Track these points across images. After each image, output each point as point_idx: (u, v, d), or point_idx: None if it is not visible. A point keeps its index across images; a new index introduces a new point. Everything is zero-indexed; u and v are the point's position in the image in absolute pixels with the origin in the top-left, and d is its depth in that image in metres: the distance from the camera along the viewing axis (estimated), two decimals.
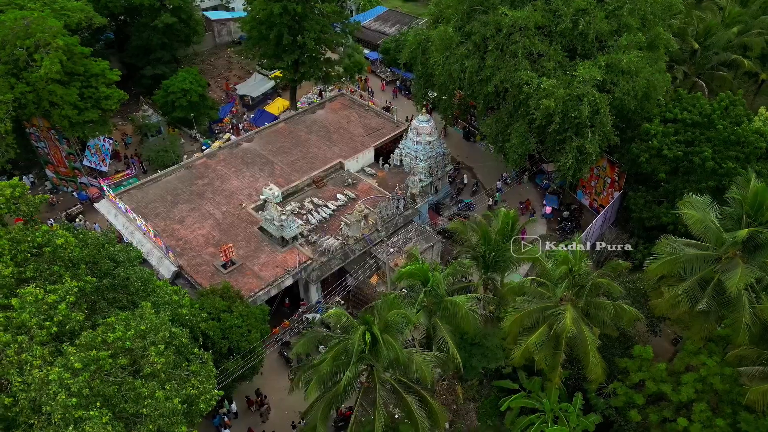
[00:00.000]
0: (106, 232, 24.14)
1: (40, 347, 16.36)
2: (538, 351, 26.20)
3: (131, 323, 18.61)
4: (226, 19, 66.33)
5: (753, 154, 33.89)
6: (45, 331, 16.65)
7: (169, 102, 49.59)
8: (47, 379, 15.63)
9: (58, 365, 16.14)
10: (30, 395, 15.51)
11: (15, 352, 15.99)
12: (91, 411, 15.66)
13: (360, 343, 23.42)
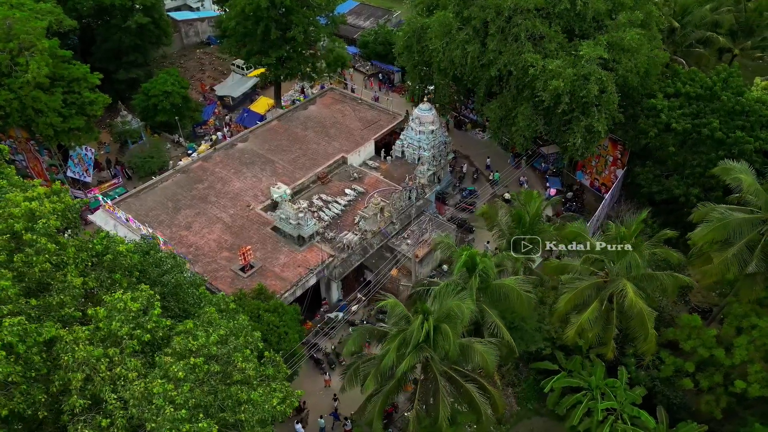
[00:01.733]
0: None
1: (133, 359, 14.90)
2: (592, 327, 26.15)
3: (209, 329, 17.31)
4: (192, 19, 63.95)
5: (757, 123, 34.93)
6: (135, 341, 15.19)
7: (150, 106, 47.26)
8: (149, 392, 14.25)
9: (157, 376, 14.76)
10: (130, 412, 14.08)
11: (107, 366, 14.50)
12: (200, 423, 14.38)
13: (419, 333, 22.77)
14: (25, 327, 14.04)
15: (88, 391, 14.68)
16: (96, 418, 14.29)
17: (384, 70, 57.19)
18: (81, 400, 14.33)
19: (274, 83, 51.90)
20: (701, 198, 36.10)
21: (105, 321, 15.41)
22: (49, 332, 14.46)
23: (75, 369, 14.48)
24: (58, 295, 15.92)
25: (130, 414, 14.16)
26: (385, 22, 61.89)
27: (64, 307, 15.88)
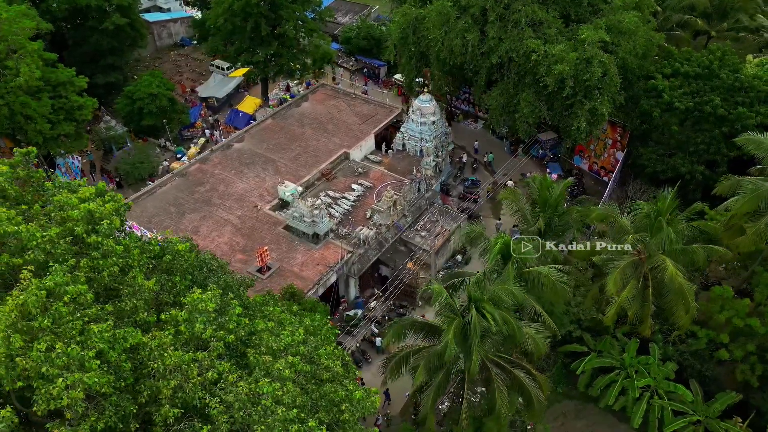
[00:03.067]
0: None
1: (222, 362, 13.93)
2: (631, 305, 26.23)
3: (289, 328, 16.47)
4: (165, 20, 61.85)
5: (756, 98, 35.86)
6: (221, 343, 14.20)
7: (135, 110, 45.37)
8: (256, 393, 13.34)
9: (258, 377, 13.86)
10: (235, 415, 13.12)
11: (198, 371, 13.48)
12: (309, 422, 13.54)
13: (480, 321, 22.33)
14: (113, 333, 12.94)
15: (178, 399, 13.64)
16: (195, 425, 13.28)
17: (370, 65, 56.52)
18: (174, 409, 13.30)
19: (262, 82, 50.63)
20: (706, 175, 36.98)
21: (186, 324, 14.39)
22: (135, 338, 13.37)
23: (165, 376, 13.43)
24: (130, 300, 14.79)
25: (237, 417, 13.22)
26: (366, 16, 61.26)
27: (137, 312, 14.77)
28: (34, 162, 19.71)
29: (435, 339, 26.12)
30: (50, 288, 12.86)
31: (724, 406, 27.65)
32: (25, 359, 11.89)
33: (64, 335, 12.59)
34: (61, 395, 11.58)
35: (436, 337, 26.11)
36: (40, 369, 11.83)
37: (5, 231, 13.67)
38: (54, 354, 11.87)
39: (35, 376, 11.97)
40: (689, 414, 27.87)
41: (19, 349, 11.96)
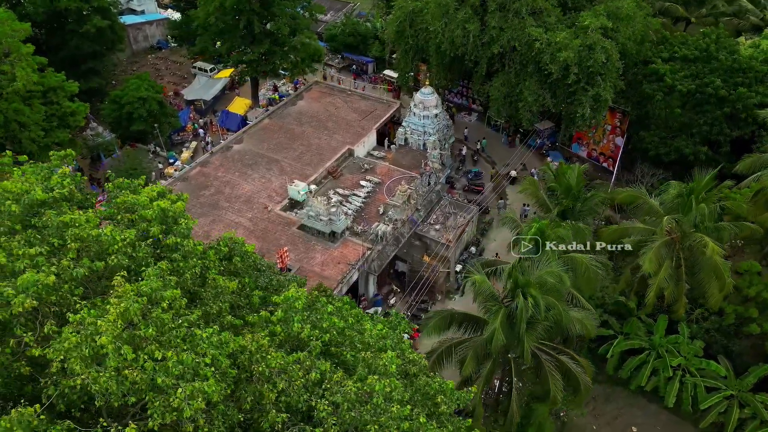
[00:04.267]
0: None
1: (322, 361, 13.19)
2: (668, 285, 26.42)
3: (365, 324, 15.83)
4: (140, 23, 59.82)
5: (754, 79, 36.74)
6: (319, 342, 13.46)
7: (124, 115, 43.61)
8: (367, 392, 12.66)
9: (362, 375, 13.17)
10: (345, 416, 12.42)
11: (302, 373, 12.72)
12: (420, 417, 12.94)
13: (527, 307, 22.07)
14: (219, 338, 12.09)
15: (282, 403, 12.88)
16: (307, 428, 12.53)
17: (358, 61, 55.85)
18: (283, 414, 12.53)
19: (252, 82, 49.41)
20: (709, 156, 37.72)
21: (281, 324, 13.62)
22: (236, 342, 12.55)
23: (271, 380, 12.64)
24: (214, 303, 13.93)
25: (344, 419, 12.53)
26: (351, 12, 60.56)
27: (223, 316, 13.93)
28: (72, 164, 18.51)
29: (475, 330, 25.82)
30: (147, 294, 11.94)
31: (756, 379, 28.15)
32: (134, 371, 10.94)
33: (169, 343, 11.69)
34: (181, 406, 10.69)
35: (476, 329, 25.81)
36: (155, 380, 10.91)
37: (88, 234, 12.63)
38: (170, 363, 10.96)
39: (146, 388, 11.04)
40: (722, 389, 28.28)
41: (125, 360, 11.00)
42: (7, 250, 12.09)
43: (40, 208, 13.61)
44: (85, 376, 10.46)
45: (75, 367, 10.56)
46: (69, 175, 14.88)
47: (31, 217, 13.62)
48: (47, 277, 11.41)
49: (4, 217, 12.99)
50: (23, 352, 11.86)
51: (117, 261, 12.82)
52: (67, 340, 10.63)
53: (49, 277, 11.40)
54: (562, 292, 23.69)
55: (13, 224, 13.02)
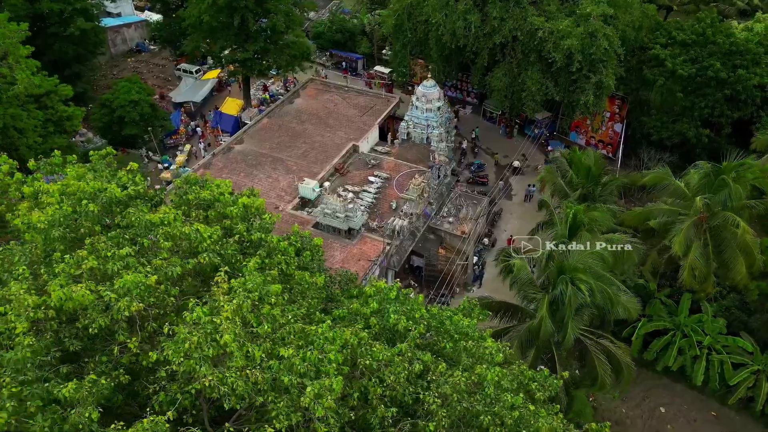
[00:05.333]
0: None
1: (425, 353, 12.70)
2: (698, 265, 26.66)
3: (444, 313, 15.40)
4: (119, 26, 57.93)
5: (751, 61, 37.53)
6: (417, 332, 12.94)
7: (115, 119, 42.08)
8: (476, 381, 12.25)
9: (466, 364, 12.77)
10: (456, 407, 11.95)
11: (403, 366, 12.20)
12: (530, 405, 12.59)
13: (578, 294, 21.96)
14: (332, 333, 11.49)
15: (386, 397, 12.35)
16: (419, 423, 12.02)
17: (347, 58, 55.19)
18: (392, 408, 12.00)
19: (244, 81, 48.30)
20: (711, 137, 38.41)
21: (376, 317, 13.09)
22: (341, 337, 11.97)
23: (376, 373, 12.10)
24: (304, 299, 13.32)
25: (454, 411, 12.07)
26: (336, 9, 59.86)
27: (314, 311, 13.33)
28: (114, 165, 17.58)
29: (512, 318, 25.63)
30: (253, 289, 11.26)
31: None
32: (255, 370, 10.26)
33: (282, 340, 11.05)
34: (311, 406, 10.06)
35: (513, 316, 25.62)
36: (280, 379, 10.26)
37: (181, 232, 11.86)
38: (296, 360, 10.31)
39: (268, 389, 10.38)
40: (749, 365, 28.72)
41: (247, 359, 10.32)
42: (95, 253, 11.23)
43: (117, 207, 12.76)
44: (212, 377, 9.75)
45: (198, 368, 9.84)
46: (138, 171, 14.03)
47: (105, 216, 12.79)
48: (148, 278, 10.63)
49: (83, 218, 12.10)
50: (115, 359, 11.08)
51: (208, 259, 12.09)
52: (188, 340, 9.89)
53: (150, 277, 10.62)
54: (607, 275, 23.68)
55: (93, 225, 12.14)
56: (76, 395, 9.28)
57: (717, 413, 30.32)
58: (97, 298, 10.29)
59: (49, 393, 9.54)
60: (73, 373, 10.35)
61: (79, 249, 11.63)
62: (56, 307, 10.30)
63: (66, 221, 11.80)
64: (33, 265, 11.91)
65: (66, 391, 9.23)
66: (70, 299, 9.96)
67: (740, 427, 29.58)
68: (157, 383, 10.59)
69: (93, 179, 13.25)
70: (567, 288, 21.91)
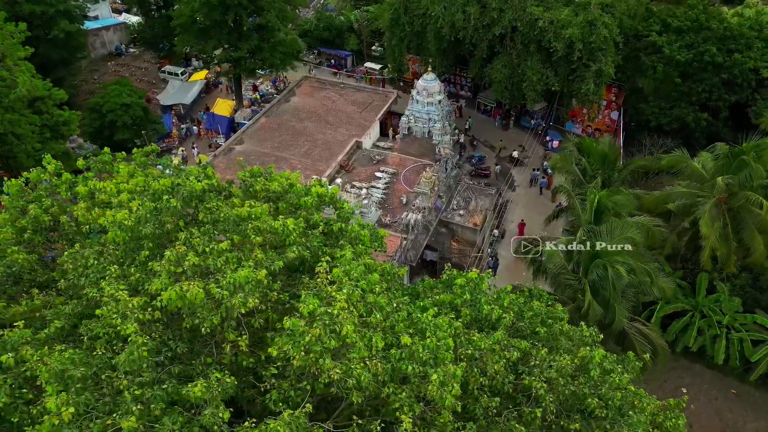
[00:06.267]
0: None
1: (522, 341, 12.40)
2: (720, 246, 26.98)
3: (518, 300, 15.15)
4: (97, 29, 56.17)
5: (745, 45, 38.32)
6: (509, 321, 12.63)
7: (107, 124, 40.73)
8: (578, 365, 12.01)
9: (566, 347, 12.54)
10: (562, 392, 11.69)
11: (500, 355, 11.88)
12: (631, 387, 12.42)
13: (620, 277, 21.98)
14: (438, 320, 11.10)
15: (485, 387, 12.00)
16: (524, 410, 11.69)
17: (336, 55, 54.59)
18: (495, 398, 11.66)
19: (236, 81, 47.32)
20: (710, 122, 39.09)
21: (468, 306, 12.74)
22: (451, 326, 11.60)
23: (476, 362, 11.76)
24: (389, 290, 12.88)
25: (562, 395, 11.81)
26: (321, 7, 59.18)
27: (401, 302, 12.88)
28: (156, 162, 16.92)
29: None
30: (356, 278, 10.80)
31: None
32: (374, 361, 9.79)
33: (392, 329, 10.60)
34: (439, 395, 9.65)
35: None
36: (402, 369, 9.81)
37: (270, 226, 11.29)
38: (418, 348, 9.88)
39: (388, 379, 9.93)
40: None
41: (368, 350, 9.84)
42: (193, 249, 10.59)
43: (194, 201, 12.11)
44: (339, 370, 9.24)
45: (322, 361, 9.32)
46: (210, 164, 13.40)
47: (185, 211, 12.15)
48: (258, 272, 10.05)
49: (165, 214, 11.44)
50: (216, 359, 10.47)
51: (298, 252, 11.55)
52: (308, 333, 9.36)
53: (260, 272, 10.05)
54: (642, 257, 23.79)
55: (177, 220, 11.49)
56: (206, 395, 8.67)
57: (737, 391, 30.80)
58: (207, 296, 9.68)
59: (170, 394, 8.91)
60: (181, 374, 9.71)
61: (168, 245, 10.99)
62: (161, 306, 9.66)
63: (151, 218, 11.12)
64: (113, 265, 11.18)
65: (196, 391, 8.62)
66: (183, 298, 9.33)
67: (761, 404, 30.10)
68: (267, 381, 10.04)
69: (142, 176, 12.67)
70: (607, 271, 21.89)
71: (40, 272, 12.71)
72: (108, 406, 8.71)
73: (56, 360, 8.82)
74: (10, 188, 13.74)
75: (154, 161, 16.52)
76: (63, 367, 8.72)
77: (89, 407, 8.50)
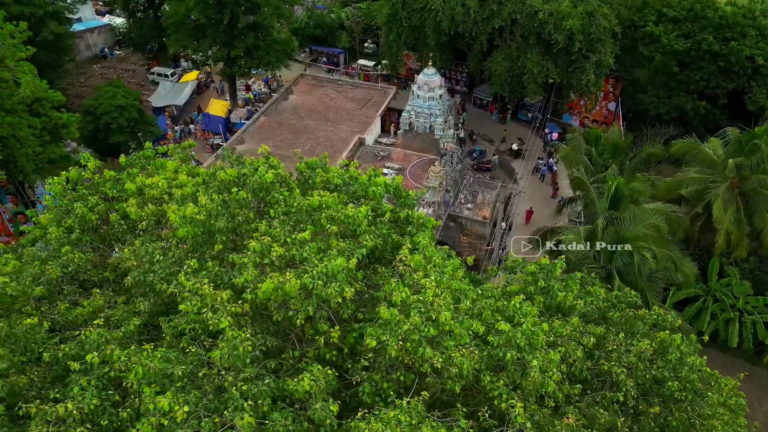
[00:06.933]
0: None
1: (597, 326, 12.26)
2: (734, 230, 27.28)
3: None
4: (81, 31, 54.82)
5: (740, 33, 38.89)
6: (582, 307, 12.46)
7: (101, 127, 39.73)
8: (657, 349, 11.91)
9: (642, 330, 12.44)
10: (643, 375, 11.57)
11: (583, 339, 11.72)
12: (707, 369, 12.37)
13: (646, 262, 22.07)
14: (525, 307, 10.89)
15: (563, 373, 11.83)
16: (606, 395, 11.55)
17: (329, 53, 54.13)
18: (577, 385, 11.48)
19: (230, 81, 46.59)
20: (708, 109, 39.61)
21: (542, 294, 12.58)
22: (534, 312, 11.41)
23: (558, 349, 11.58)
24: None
25: (642, 379, 11.69)
26: (311, 5, 58.58)
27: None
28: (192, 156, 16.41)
29: None
30: (438, 264, 10.54)
31: None
32: (471, 348, 9.54)
33: (479, 315, 10.36)
34: (541, 381, 9.43)
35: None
36: (497, 355, 9.58)
37: (344, 215, 10.96)
38: (518, 334, 9.64)
39: (484, 367, 9.68)
40: None
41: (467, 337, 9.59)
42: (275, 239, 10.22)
43: (261, 192, 11.72)
44: (441, 358, 8.97)
45: (422, 350, 9.03)
46: (271, 154, 13.06)
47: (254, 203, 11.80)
48: (350, 261, 9.73)
49: (234, 206, 11.03)
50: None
51: (373, 241, 11.24)
52: (406, 322, 9.07)
53: (351, 260, 9.73)
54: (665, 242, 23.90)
55: (247, 212, 11.10)
56: (313, 389, 8.32)
57: (750, 373, 31.14)
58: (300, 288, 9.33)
59: (272, 390, 8.53)
60: (276, 369, 9.33)
61: (237, 238, 10.60)
62: (250, 300, 9.29)
63: (222, 210, 10.70)
64: (180, 260, 10.75)
65: (304, 385, 8.26)
66: (279, 289, 8.95)
67: None
68: (357, 374, 9.71)
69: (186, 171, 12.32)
70: (634, 257, 21.95)
71: (93, 272, 12.18)
72: (212, 404, 8.30)
73: (152, 358, 8.38)
74: (52, 187, 13.17)
75: (190, 155, 16.04)
76: (162, 366, 8.29)
77: (197, 406, 8.08)
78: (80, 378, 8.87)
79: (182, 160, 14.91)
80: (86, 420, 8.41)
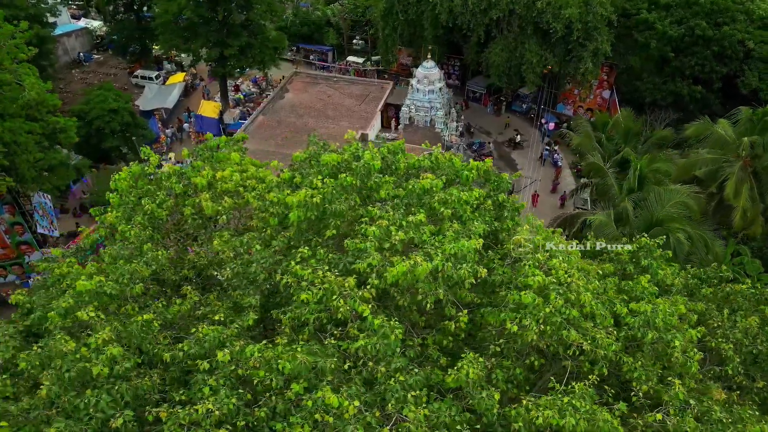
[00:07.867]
0: None
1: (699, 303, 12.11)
2: (750, 208, 27.69)
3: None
4: (59, 35, 52.81)
5: (731, 18, 39.66)
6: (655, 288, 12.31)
7: (93, 132, 38.35)
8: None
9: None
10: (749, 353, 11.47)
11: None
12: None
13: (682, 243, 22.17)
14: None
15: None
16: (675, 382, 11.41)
17: (317, 51, 53.42)
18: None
19: (221, 81, 45.56)
20: (704, 94, 40.29)
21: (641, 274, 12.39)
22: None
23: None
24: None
25: (748, 355, 11.58)
26: (296, 2, 57.76)
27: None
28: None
29: None
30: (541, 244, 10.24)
31: None
32: (609, 330, 9.24)
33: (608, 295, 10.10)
34: (684, 362, 9.20)
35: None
36: (635, 336, 9.32)
37: (458, 198, 10.58)
38: (659, 315, 9.38)
39: (620, 348, 9.40)
40: None
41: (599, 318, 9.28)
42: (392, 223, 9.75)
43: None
44: (589, 341, 8.64)
45: (566, 333, 8.72)
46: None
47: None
48: (475, 239, 9.34)
49: (346, 192, 10.54)
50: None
51: (482, 226, 10.85)
52: (548, 305, 8.73)
53: (479, 240, 9.33)
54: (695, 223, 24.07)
55: (355, 197, 10.62)
56: (472, 377, 7.90)
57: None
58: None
59: (423, 380, 8.08)
60: (414, 358, 8.88)
61: (344, 224, 10.12)
62: (376, 285, 8.82)
63: (337, 194, 10.20)
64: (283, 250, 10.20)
65: (463, 375, 7.83)
66: (410, 273, 8.49)
67: None
68: (486, 360, 9.32)
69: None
70: (670, 238, 22.00)
71: (171, 270, 11.50)
72: (368, 397, 7.80)
73: (297, 353, 7.82)
74: (118, 183, 12.42)
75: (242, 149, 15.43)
76: (314, 360, 7.75)
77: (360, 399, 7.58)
78: (207, 378, 8.26)
79: (240, 151, 14.29)
80: (224, 421, 7.83)
